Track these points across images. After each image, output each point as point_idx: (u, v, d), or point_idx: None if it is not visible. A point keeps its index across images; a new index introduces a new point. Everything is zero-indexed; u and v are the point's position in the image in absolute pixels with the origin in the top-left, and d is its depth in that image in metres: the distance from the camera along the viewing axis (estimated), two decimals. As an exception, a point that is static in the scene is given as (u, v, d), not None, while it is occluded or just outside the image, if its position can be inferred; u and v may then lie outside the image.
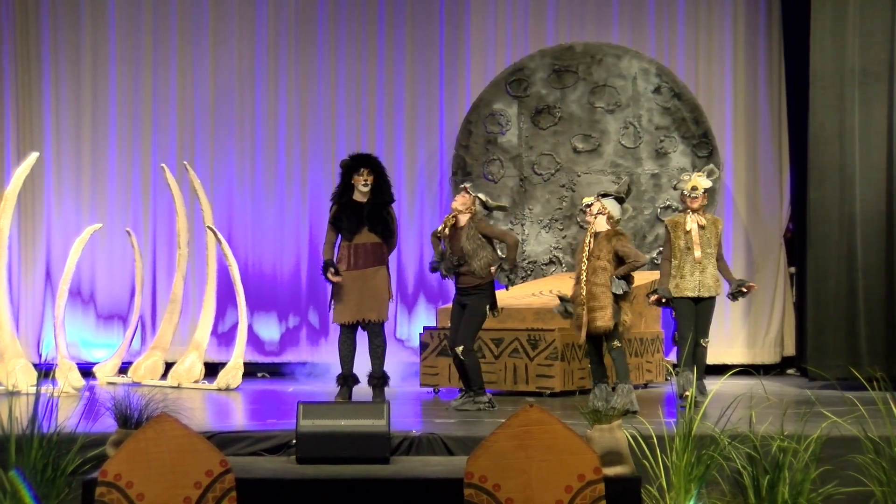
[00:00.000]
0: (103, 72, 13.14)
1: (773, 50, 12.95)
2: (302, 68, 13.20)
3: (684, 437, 6.45)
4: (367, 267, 9.46)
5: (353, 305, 9.43)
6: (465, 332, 9.17)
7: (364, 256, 9.46)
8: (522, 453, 6.01)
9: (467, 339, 9.16)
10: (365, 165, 9.54)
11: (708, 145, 12.34)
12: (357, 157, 9.64)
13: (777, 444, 6.48)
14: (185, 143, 13.15)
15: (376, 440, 6.80)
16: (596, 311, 8.72)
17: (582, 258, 8.86)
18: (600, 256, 8.76)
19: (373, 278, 9.45)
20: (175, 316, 11.73)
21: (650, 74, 12.47)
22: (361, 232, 9.46)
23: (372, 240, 9.47)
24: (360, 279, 9.45)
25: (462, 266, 9.16)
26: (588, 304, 8.74)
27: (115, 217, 12.97)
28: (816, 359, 10.93)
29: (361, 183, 9.49)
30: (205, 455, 6.02)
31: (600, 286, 8.73)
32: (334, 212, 9.58)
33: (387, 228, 9.49)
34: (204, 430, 7.34)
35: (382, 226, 9.47)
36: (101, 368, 11.60)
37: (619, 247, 8.77)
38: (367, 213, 9.47)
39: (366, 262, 9.46)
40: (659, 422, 7.15)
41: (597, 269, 8.76)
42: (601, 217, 8.88)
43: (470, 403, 9.16)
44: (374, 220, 9.45)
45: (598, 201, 8.90)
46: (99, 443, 6.80)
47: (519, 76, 12.65)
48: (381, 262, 9.52)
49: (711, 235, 9.60)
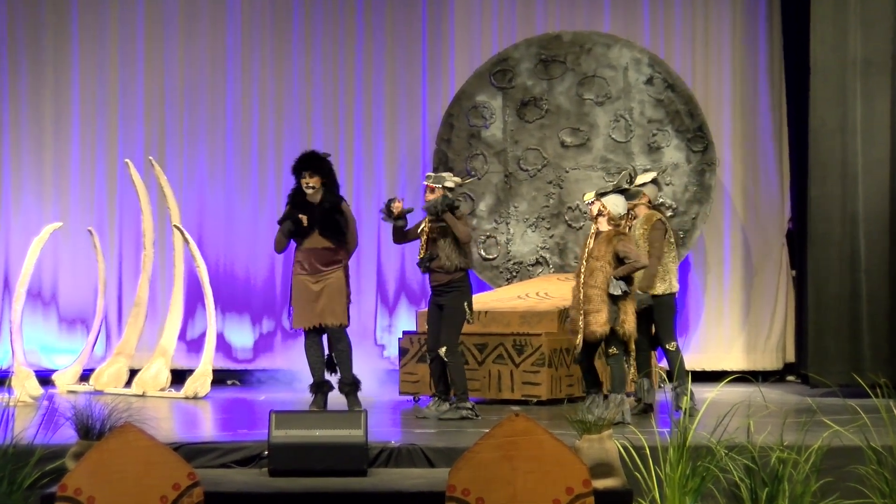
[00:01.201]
0: (65, 60, 13.06)
1: (773, 40, 12.97)
2: (277, 58, 13.16)
3: (678, 448, 6.46)
4: (322, 271, 9.55)
5: (311, 309, 9.53)
6: (447, 332, 9.22)
7: (319, 261, 9.57)
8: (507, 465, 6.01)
9: (451, 340, 9.21)
10: (306, 167, 9.60)
11: (703, 139, 12.35)
12: (299, 159, 9.71)
13: (776, 455, 6.49)
14: (152, 137, 13.09)
15: (353, 451, 6.80)
16: (590, 315, 8.74)
17: (582, 258, 8.89)
18: (599, 257, 8.78)
19: (328, 280, 9.54)
20: (140, 320, 11.69)
21: (642, 64, 12.48)
22: (312, 237, 9.55)
23: (324, 244, 9.57)
24: (315, 282, 9.56)
25: (433, 261, 9.28)
26: (584, 307, 8.75)
27: (77, 215, 12.91)
28: (817, 365, 10.95)
29: (306, 186, 9.58)
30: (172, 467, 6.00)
31: (596, 288, 8.74)
32: (284, 214, 9.70)
33: (339, 233, 9.56)
34: (171, 440, 7.32)
35: (333, 230, 9.56)
36: (62, 376, 11.55)
37: (619, 247, 8.78)
38: (317, 218, 9.53)
39: (321, 266, 9.56)
40: (652, 431, 7.15)
41: (594, 270, 8.77)
42: (602, 218, 8.90)
43: (452, 411, 9.16)
44: (325, 226, 9.53)
45: (597, 201, 8.92)
46: (58, 455, 6.78)
47: (503, 66, 12.65)
48: (337, 264, 9.60)
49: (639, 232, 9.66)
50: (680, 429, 6.51)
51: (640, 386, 9.55)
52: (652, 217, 9.54)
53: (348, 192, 13.07)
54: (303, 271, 9.59)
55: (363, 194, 13.08)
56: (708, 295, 12.93)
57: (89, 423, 6.52)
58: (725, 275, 12.93)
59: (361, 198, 13.07)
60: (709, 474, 6.45)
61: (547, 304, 10.61)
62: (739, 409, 6.94)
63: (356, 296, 12.95)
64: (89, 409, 6.55)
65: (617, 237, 8.83)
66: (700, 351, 12.83)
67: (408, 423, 9.18)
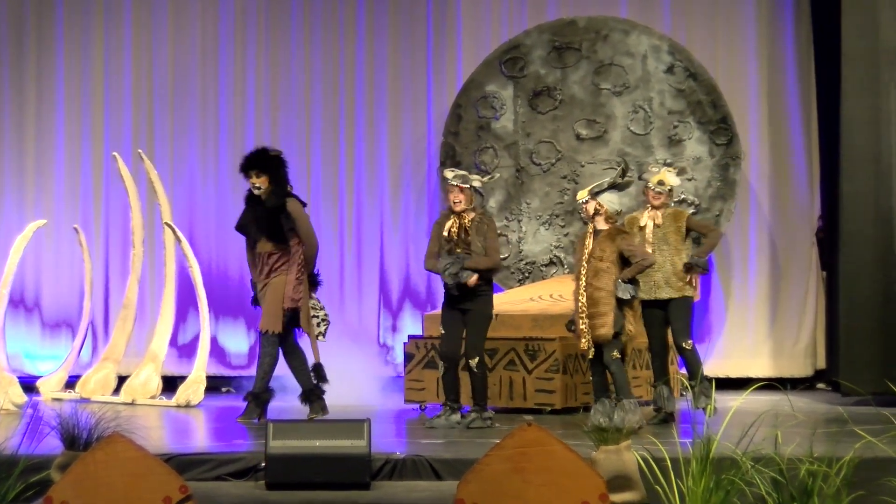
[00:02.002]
0: (48, 50, 13.10)
1: (801, 26, 12.96)
2: (273, 46, 13.17)
3: (701, 460, 6.45)
4: (271, 275, 9.66)
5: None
6: (477, 341, 9.31)
7: (269, 265, 9.69)
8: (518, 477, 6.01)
9: (481, 350, 9.33)
10: (252, 167, 9.65)
11: (727, 132, 12.35)
12: (246, 157, 9.77)
13: (805, 468, 6.48)
14: (140, 130, 13.12)
15: (355, 463, 6.80)
16: (596, 318, 8.78)
17: (582, 258, 8.90)
18: (602, 258, 8.82)
19: (269, 286, 9.66)
20: (129, 324, 11.69)
21: (662, 52, 12.48)
22: (260, 240, 9.68)
23: (269, 249, 9.66)
24: (262, 287, 9.70)
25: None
26: (589, 310, 8.78)
27: (62, 213, 12.95)
28: (849, 371, 10.93)
29: (253, 186, 9.66)
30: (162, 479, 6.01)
31: (602, 290, 8.78)
32: (240, 216, 9.81)
33: (282, 240, 9.62)
34: (161, 451, 7.32)
35: (276, 236, 9.62)
36: (46, 383, 11.56)
37: (623, 246, 8.82)
38: (260, 219, 9.65)
39: (270, 271, 9.66)
40: (673, 442, 7.13)
41: (599, 271, 8.79)
42: (599, 217, 8.94)
43: (479, 420, 9.23)
44: (269, 231, 9.63)
45: (592, 201, 8.97)
46: (43, 466, 6.78)
47: (514, 54, 12.65)
48: (282, 268, 9.66)
49: (669, 231, 9.67)
50: (703, 439, 6.50)
51: (658, 393, 9.55)
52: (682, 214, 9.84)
53: (348, 187, 13.10)
54: (259, 275, 9.72)
55: (365, 190, 13.09)
56: (732, 297, 12.92)
57: (75, 432, 6.54)
58: (751, 276, 12.93)
59: (363, 194, 13.08)
60: (733, 488, 6.44)
61: (561, 307, 10.60)
62: (766, 418, 6.92)
63: (357, 296, 12.99)
64: (75, 418, 6.56)
65: (620, 235, 8.91)
66: (724, 357, 12.83)
67: (413, 434, 9.18)
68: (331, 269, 12.99)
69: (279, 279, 9.63)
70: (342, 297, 12.98)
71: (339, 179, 13.11)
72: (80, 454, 6.23)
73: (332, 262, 12.99)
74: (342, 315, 12.61)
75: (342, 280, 13.05)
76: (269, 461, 6.81)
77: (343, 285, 13.04)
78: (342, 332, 11.59)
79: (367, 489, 6.72)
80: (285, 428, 6.94)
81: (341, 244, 13.08)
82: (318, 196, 13.04)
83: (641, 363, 10.78)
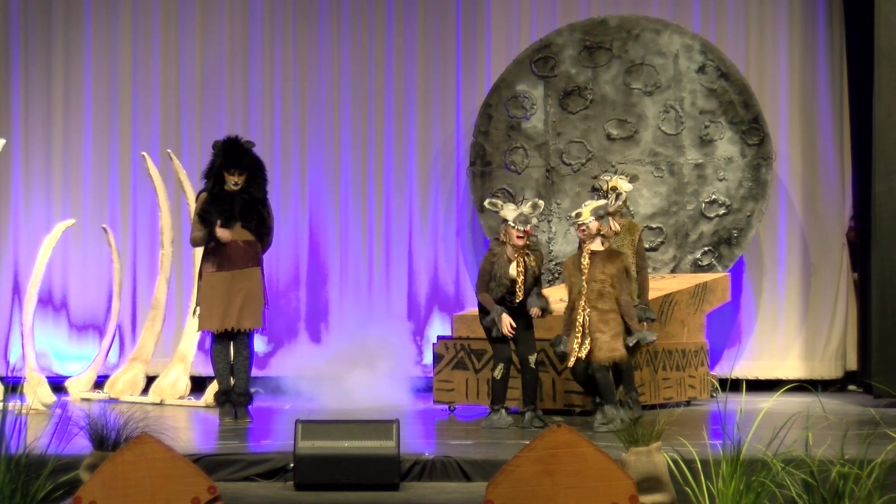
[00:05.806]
0: (77, 49, 13.16)
1: (834, 23, 12.93)
2: (301, 45, 13.21)
3: (732, 462, 6.45)
4: (240, 268, 9.62)
5: (224, 311, 9.61)
6: (534, 339, 9.46)
7: (237, 256, 9.61)
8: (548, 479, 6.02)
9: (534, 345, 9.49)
10: (236, 166, 9.61)
11: (759, 132, 12.32)
12: (229, 153, 9.67)
13: (837, 470, 6.47)
14: (168, 129, 13.17)
15: (384, 464, 6.82)
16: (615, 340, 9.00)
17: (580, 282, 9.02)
18: (603, 280, 9.10)
19: (248, 280, 9.64)
20: (157, 324, 11.74)
21: (694, 51, 12.46)
22: (233, 228, 9.59)
23: (245, 237, 9.62)
24: (231, 281, 9.62)
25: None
26: (593, 334, 8.87)
27: (90, 213, 13.00)
28: (882, 373, 10.90)
29: (232, 183, 9.61)
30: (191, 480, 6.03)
31: (612, 312, 9.06)
32: (203, 201, 9.67)
33: (262, 224, 9.62)
34: (190, 452, 7.36)
35: (257, 221, 9.60)
36: (75, 383, 11.62)
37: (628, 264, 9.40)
38: (239, 206, 9.57)
39: (239, 263, 9.62)
40: (703, 444, 7.14)
41: (603, 294, 9.12)
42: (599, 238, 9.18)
43: (537, 419, 9.35)
44: (247, 215, 9.57)
45: (597, 221, 9.10)
46: (72, 466, 6.82)
47: (545, 53, 12.65)
48: (256, 262, 9.70)
49: (625, 244, 9.79)
50: (734, 441, 6.50)
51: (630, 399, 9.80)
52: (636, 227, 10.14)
53: (377, 187, 13.11)
54: (214, 269, 9.64)
55: (393, 192, 13.10)
56: (763, 298, 12.90)
57: (104, 432, 6.57)
58: (781, 277, 12.90)
59: (391, 196, 13.09)
60: (764, 490, 6.44)
61: (590, 308, 10.60)
62: (797, 420, 6.92)
63: (385, 296, 12.99)
64: (104, 418, 6.59)
65: (619, 256, 9.19)
66: (754, 358, 12.81)
67: (442, 434, 9.20)
68: (359, 270, 13.03)
69: (255, 273, 9.62)
70: (370, 298, 12.99)
71: (367, 179, 13.12)
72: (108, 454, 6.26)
73: (361, 263, 13.02)
74: (370, 315, 12.61)
75: (371, 280, 13.07)
76: (298, 462, 6.83)
77: (371, 285, 13.06)
78: (370, 332, 11.62)
79: (395, 490, 6.73)
80: (314, 428, 6.96)
81: (370, 244, 13.09)
82: (347, 195, 13.07)
83: (672, 364, 10.77)
